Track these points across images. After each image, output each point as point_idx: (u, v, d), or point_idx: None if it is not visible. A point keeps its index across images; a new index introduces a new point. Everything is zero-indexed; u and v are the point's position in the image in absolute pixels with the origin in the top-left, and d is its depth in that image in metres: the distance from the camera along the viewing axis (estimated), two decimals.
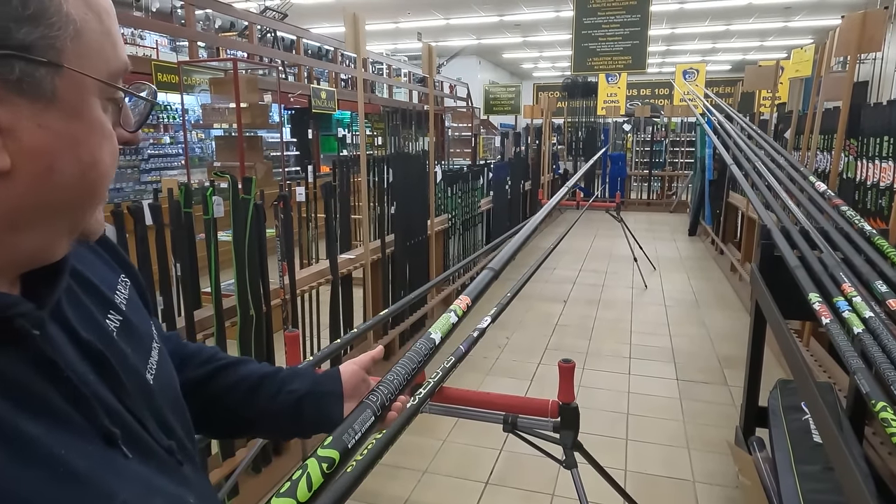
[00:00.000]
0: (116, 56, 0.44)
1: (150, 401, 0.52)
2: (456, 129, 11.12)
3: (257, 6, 10.30)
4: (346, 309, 3.05)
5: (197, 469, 0.57)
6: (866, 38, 2.83)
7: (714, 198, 6.78)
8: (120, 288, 0.58)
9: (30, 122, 0.38)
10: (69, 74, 0.40)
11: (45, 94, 0.39)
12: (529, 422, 1.66)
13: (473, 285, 0.98)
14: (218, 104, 5.43)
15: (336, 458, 0.62)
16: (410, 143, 4.39)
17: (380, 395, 0.72)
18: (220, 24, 9.13)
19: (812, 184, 2.42)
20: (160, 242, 1.93)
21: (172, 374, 0.61)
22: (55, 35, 0.39)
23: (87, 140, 0.42)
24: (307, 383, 0.75)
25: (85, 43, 0.41)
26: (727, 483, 2.39)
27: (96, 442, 0.42)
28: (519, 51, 17.06)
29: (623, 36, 9.32)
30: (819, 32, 13.17)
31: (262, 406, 0.74)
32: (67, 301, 0.47)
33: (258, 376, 0.75)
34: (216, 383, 0.74)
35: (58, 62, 0.39)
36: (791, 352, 1.51)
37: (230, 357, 0.77)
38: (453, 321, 0.89)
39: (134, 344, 0.54)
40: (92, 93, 0.42)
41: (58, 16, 0.39)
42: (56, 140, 0.40)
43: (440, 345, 0.84)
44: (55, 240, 0.44)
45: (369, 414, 0.69)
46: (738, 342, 3.83)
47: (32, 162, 0.39)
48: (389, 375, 0.76)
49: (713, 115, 4.19)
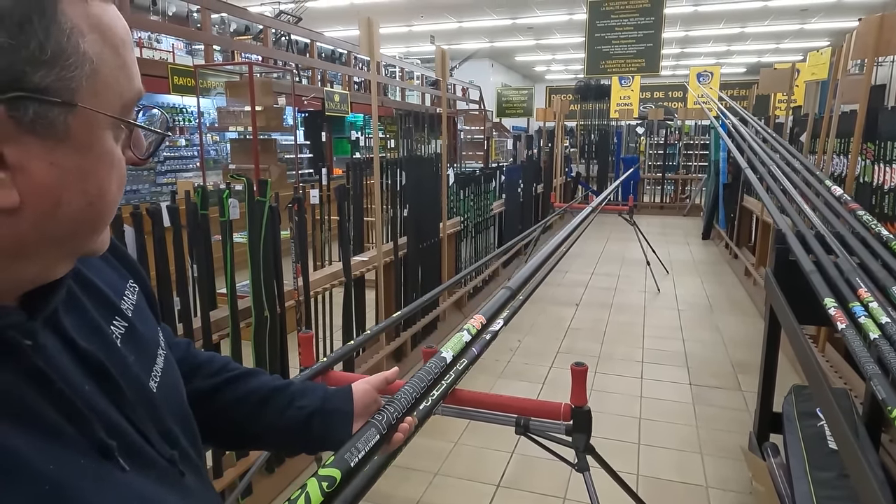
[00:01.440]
0: (130, 87, 0.44)
1: (152, 410, 0.51)
2: (468, 132, 11.12)
3: (272, 10, 10.39)
4: (359, 311, 3.07)
5: (202, 479, 0.56)
6: (884, 41, 2.80)
7: (728, 201, 6.72)
8: (127, 294, 0.57)
9: (41, 160, 0.38)
10: (82, 112, 0.40)
11: (58, 132, 0.39)
12: (542, 425, 1.66)
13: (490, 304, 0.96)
14: (233, 107, 5.48)
15: (338, 477, 0.61)
16: (423, 146, 4.41)
17: (387, 414, 0.71)
18: (235, 28, 9.21)
19: (828, 188, 2.40)
20: (177, 244, 1.95)
21: (178, 382, 0.60)
22: (71, 76, 0.38)
23: (96, 172, 0.42)
24: (317, 400, 0.74)
25: (100, 79, 0.41)
26: (741, 489, 2.38)
27: (90, 455, 0.41)
28: (532, 53, 17.04)
29: (636, 38, 9.29)
30: (836, 35, 13.03)
31: (270, 420, 0.72)
32: (69, 308, 0.47)
33: (268, 389, 0.74)
34: (225, 395, 0.72)
35: (72, 102, 0.39)
36: (806, 357, 1.50)
37: (241, 368, 0.76)
38: (466, 340, 0.87)
39: (138, 351, 0.53)
40: (104, 127, 0.42)
41: (75, 56, 0.39)
42: (65, 176, 0.40)
43: (452, 363, 0.82)
44: (59, 263, 0.44)
45: (374, 433, 0.68)
46: (752, 347, 3.80)
47: (41, 198, 0.39)
48: (398, 394, 0.74)
49: (727, 118, 4.16)
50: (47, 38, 0.37)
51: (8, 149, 0.37)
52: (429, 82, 13.06)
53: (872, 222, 2.00)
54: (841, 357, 3.12)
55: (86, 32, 0.40)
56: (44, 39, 0.37)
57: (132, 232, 1.73)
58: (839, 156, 3.43)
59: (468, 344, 0.88)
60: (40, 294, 0.43)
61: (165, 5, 7.93)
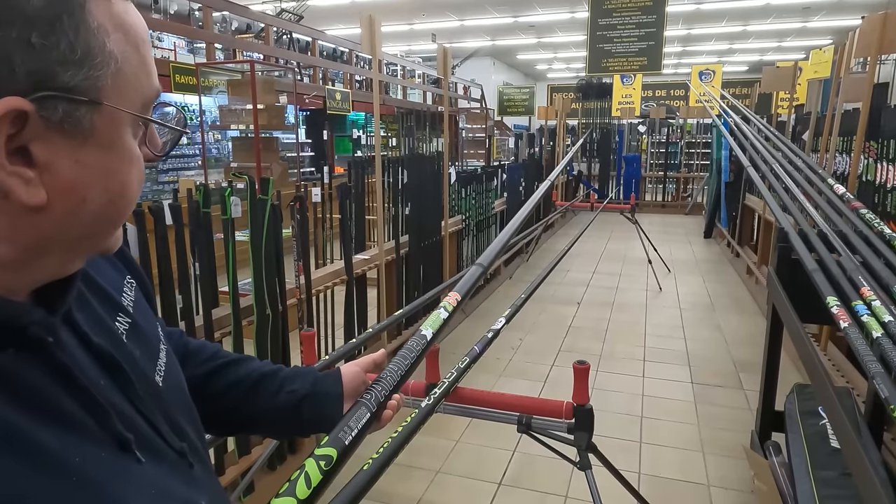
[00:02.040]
0: (150, 84, 0.45)
1: (160, 403, 0.52)
2: (470, 131, 11.10)
3: (273, 8, 10.39)
4: (361, 309, 3.07)
5: (208, 470, 0.57)
6: (887, 39, 2.79)
7: (730, 200, 6.72)
8: (126, 290, 0.58)
9: (67, 158, 0.39)
10: (107, 110, 0.40)
11: (84, 131, 0.39)
12: (544, 423, 1.66)
13: (463, 281, 0.99)
14: (235, 105, 5.48)
15: (334, 455, 0.62)
16: (424, 145, 4.41)
17: (375, 393, 0.73)
18: (236, 27, 9.21)
19: (830, 186, 2.40)
20: (179, 242, 1.96)
21: (180, 375, 0.61)
22: (98, 75, 0.39)
23: (119, 170, 0.43)
24: (308, 384, 0.75)
25: (123, 77, 0.41)
26: (742, 487, 2.38)
27: (110, 448, 0.43)
28: (533, 52, 17.02)
29: (638, 37, 9.26)
30: (838, 33, 12.99)
31: (262, 405, 0.74)
32: (77, 305, 0.47)
33: (259, 375, 0.75)
34: (217, 381, 0.74)
35: (98, 100, 0.40)
36: (809, 356, 1.50)
37: (231, 355, 0.77)
38: (443, 317, 0.89)
39: (142, 346, 0.54)
40: (126, 124, 0.43)
41: (101, 55, 0.39)
42: (90, 173, 0.40)
43: (432, 341, 0.85)
44: (75, 260, 0.45)
45: (365, 411, 0.70)
46: (754, 346, 3.79)
47: (67, 195, 0.39)
48: (384, 374, 0.76)
49: (730, 116, 4.16)
50: (76, 37, 0.38)
51: (37, 147, 0.37)
52: (430, 80, 13.05)
53: (875, 221, 2.00)
54: (843, 356, 3.12)
55: (111, 31, 0.40)
56: (73, 39, 0.37)
57: (135, 230, 1.73)
58: (842, 154, 3.42)
59: (445, 321, 0.90)
60: (53, 290, 0.44)
61: (167, 3, 7.93)
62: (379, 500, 2.27)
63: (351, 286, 2.92)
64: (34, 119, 0.36)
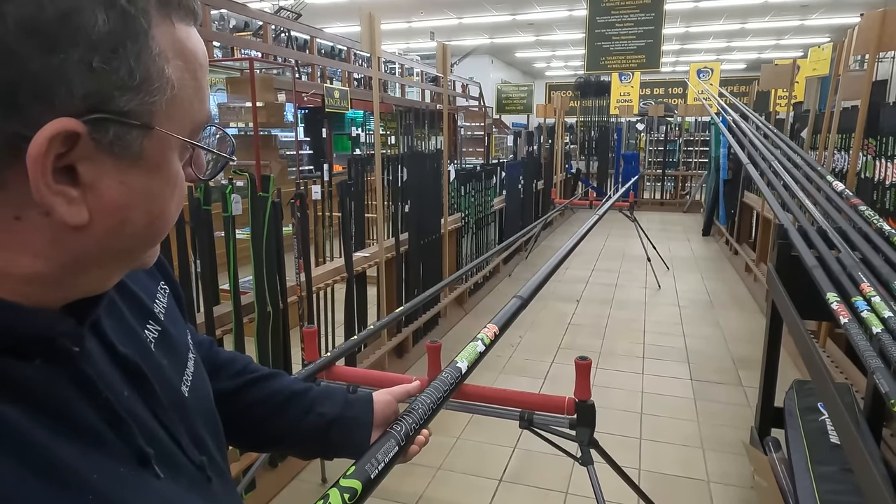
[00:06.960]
0: (202, 110, 0.44)
1: (184, 414, 0.51)
2: (468, 129, 11.10)
3: (272, 6, 10.36)
4: (361, 306, 3.07)
5: (227, 483, 0.56)
6: (886, 37, 2.80)
7: (729, 197, 6.73)
8: (159, 296, 0.57)
9: (112, 179, 0.38)
10: (157, 134, 0.40)
11: (132, 153, 0.39)
12: (545, 418, 1.66)
13: (502, 314, 0.97)
14: (234, 103, 5.48)
15: (359, 488, 0.61)
16: (423, 143, 4.41)
17: (405, 425, 0.71)
18: (234, 24, 9.19)
19: (829, 183, 2.41)
20: (180, 240, 1.96)
21: (207, 385, 0.60)
22: (153, 101, 0.39)
23: (162, 193, 0.42)
24: (338, 407, 0.74)
25: (178, 103, 0.41)
26: (742, 483, 2.39)
27: (129, 463, 0.42)
28: (532, 50, 17.01)
29: (637, 35, 9.26)
30: (836, 31, 13.01)
31: (290, 424, 0.73)
32: (106, 311, 0.47)
33: (289, 392, 0.74)
34: (246, 396, 0.73)
35: (150, 125, 0.39)
36: (808, 352, 1.51)
37: (262, 369, 0.76)
38: (480, 350, 0.88)
39: (171, 355, 0.54)
40: (174, 148, 0.42)
41: (160, 81, 0.39)
42: (133, 196, 0.40)
43: (467, 374, 0.82)
44: (112, 277, 0.45)
45: (393, 444, 0.68)
46: (753, 343, 3.81)
47: (109, 216, 0.39)
48: (415, 405, 0.75)
49: (728, 114, 4.16)
50: (137, 63, 0.37)
51: (84, 167, 0.37)
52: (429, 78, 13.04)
53: (874, 217, 2.00)
54: (842, 352, 3.13)
55: (171, 58, 0.40)
56: (134, 65, 0.37)
57: None
58: (840, 151, 3.43)
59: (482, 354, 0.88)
60: (84, 299, 0.44)
61: None
62: (380, 496, 2.28)
63: (351, 284, 2.92)
64: (85, 140, 0.36)
